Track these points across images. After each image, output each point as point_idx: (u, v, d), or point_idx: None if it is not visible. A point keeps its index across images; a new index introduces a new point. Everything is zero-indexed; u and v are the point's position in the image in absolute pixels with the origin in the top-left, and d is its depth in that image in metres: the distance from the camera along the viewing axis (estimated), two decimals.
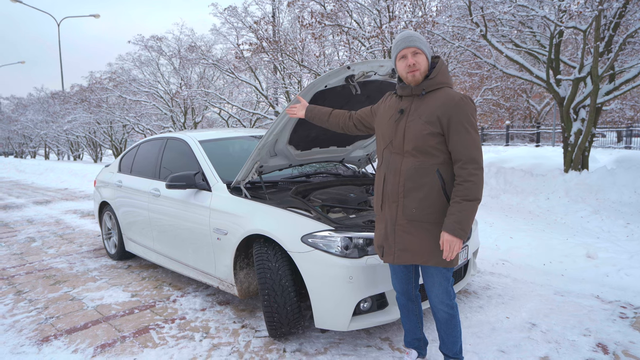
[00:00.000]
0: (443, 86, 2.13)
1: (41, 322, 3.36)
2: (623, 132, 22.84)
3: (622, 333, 2.82)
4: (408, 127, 2.11)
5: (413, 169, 2.09)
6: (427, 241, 2.10)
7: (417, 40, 2.11)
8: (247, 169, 3.15)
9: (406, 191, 2.11)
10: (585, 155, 6.97)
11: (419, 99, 2.13)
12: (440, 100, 2.07)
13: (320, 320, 2.65)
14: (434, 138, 2.05)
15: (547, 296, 3.44)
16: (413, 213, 2.10)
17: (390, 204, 2.17)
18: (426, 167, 2.08)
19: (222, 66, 10.79)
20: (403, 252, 2.14)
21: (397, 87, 2.23)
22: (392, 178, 2.16)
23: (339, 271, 2.55)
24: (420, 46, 2.11)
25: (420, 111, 2.10)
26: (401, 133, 2.13)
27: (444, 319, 2.24)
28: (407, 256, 2.14)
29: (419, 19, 6.80)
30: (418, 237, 2.10)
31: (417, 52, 2.12)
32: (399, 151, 2.14)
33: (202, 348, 2.86)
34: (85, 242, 5.86)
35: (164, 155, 4.25)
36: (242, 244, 3.05)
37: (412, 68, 2.11)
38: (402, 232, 2.13)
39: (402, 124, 2.14)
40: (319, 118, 2.62)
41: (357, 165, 4.31)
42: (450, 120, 2.03)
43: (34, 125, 24.14)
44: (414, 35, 2.14)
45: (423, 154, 2.08)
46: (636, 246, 4.19)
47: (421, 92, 2.12)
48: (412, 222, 2.11)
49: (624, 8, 6.06)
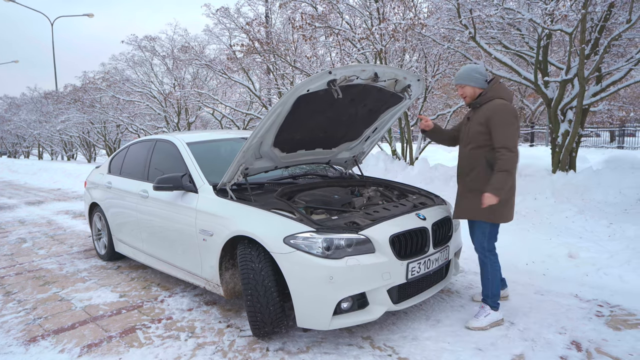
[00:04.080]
0: (494, 98, 2.98)
1: (29, 323, 3.40)
2: (616, 132, 23.05)
3: (596, 331, 2.90)
4: (470, 129, 3.05)
5: (472, 156, 3.03)
6: (478, 203, 2.93)
7: (460, 78, 3.09)
8: (232, 171, 3.20)
9: (467, 171, 3.06)
10: (572, 156, 7.05)
11: (477, 109, 3.06)
12: (487, 108, 2.95)
13: (301, 319, 2.70)
14: (482, 135, 2.95)
15: (528, 295, 3.52)
16: (470, 185, 3.03)
17: (460, 180, 3.14)
18: (478, 155, 2.99)
19: (214, 67, 10.82)
20: (464, 211, 3.07)
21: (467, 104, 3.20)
22: (460, 163, 3.14)
23: (319, 271, 2.61)
24: (463, 82, 3.08)
25: (476, 117, 3.01)
26: (466, 133, 3.09)
27: (480, 262, 3.13)
28: (465, 213, 3.07)
29: (408, 22, 6.86)
30: (472, 201, 3.00)
31: (462, 86, 3.10)
32: (464, 145, 3.10)
33: (187, 347, 2.91)
34: (76, 243, 5.89)
35: (153, 157, 4.30)
36: (228, 245, 3.11)
37: (462, 97, 3.13)
38: (463, 198, 3.08)
39: (467, 127, 3.10)
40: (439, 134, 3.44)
41: (343, 166, 4.37)
42: (490, 121, 2.89)
43: (27, 125, 24.03)
44: (461, 74, 3.08)
45: (477, 146, 2.99)
46: (617, 246, 4.27)
47: (478, 105, 3.05)
48: (471, 191, 3.02)
49: (608, 12, 6.15)
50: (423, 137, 9.45)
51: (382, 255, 2.75)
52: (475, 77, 3.03)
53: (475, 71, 3.04)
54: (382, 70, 3.11)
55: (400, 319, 3.17)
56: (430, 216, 3.13)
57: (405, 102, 3.61)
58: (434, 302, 3.45)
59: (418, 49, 8.35)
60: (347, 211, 3.21)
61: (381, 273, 2.72)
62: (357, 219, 2.92)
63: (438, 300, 3.49)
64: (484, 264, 3.09)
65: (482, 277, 3.11)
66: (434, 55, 8.34)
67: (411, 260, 2.86)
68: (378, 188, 3.88)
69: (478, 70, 3.04)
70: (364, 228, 2.78)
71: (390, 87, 3.37)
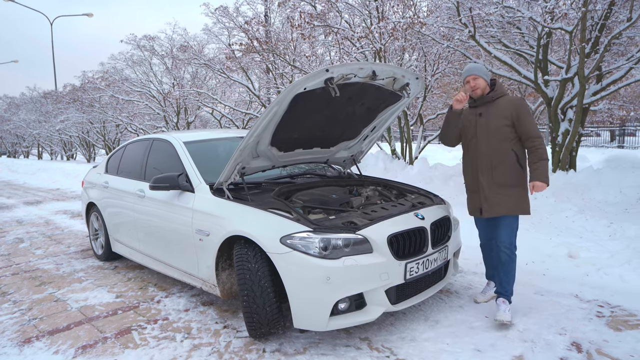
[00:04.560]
0: (504, 95, 3.09)
1: (24, 324, 3.37)
2: (616, 132, 23.01)
3: (597, 332, 2.87)
4: (489, 123, 3.05)
5: (496, 150, 3.02)
6: (510, 197, 3.02)
7: (476, 70, 3.09)
8: (229, 170, 3.16)
9: (494, 165, 3.03)
10: (572, 155, 7.02)
11: (491, 104, 3.09)
12: (507, 103, 3.04)
13: (298, 320, 2.67)
14: (508, 128, 3.00)
15: (528, 295, 3.48)
16: (498, 181, 3.03)
17: (482, 177, 3.08)
18: (505, 148, 3.01)
19: (213, 66, 10.78)
20: (497, 207, 3.04)
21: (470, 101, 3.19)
22: (482, 159, 3.08)
23: (316, 272, 2.58)
24: (478, 74, 3.08)
25: (495, 112, 3.04)
26: (484, 128, 3.07)
27: (505, 259, 3.07)
28: (500, 209, 3.04)
29: (407, 20, 6.83)
30: (505, 195, 3.03)
31: (476, 78, 3.08)
32: (483, 140, 3.07)
33: (182, 349, 2.88)
34: (73, 243, 5.86)
35: (150, 156, 4.26)
36: (225, 245, 3.07)
37: (473, 88, 3.10)
38: (494, 194, 3.04)
39: (483, 122, 3.08)
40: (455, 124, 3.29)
41: (342, 166, 4.33)
42: (519, 114, 2.98)
43: (26, 125, 24.00)
44: (474, 66, 3.10)
45: (502, 140, 3.01)
46: (617, 246, 4.24)
47: (491, 99, 3.07)
48: (501, 186, 3.03)
49: (609, 10, 6.11)
50: (423, 136, 9.42)
51: (380, 255, 2.71)
52: (486, 72, 3.12)
53: (485, 67, 3.18)
54: (380, 68, 3.08)
55: (399, 320, 3.14)
56: (429, 216, 3.10)
57: (404, 100, 3.58)
58: (432, 303, 3.42)
59: (418, 47, 8.31)
60: (345, 211, 3.17)
61: (379, 273, 2.69)
62: (355, 219, 2.88)
63: (437, 301, 3.46)
64: (510, 260, 3.07)
65: (503, 274, 3.08)
66: (433, 54, 8.30)
67: (409, 260, 2.82)
68: (376, 187, 3.84)
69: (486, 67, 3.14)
70: (361, 228, 2.75)
71: (388, 86, 3.33)
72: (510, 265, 3.07)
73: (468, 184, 3.26)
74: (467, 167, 3.25)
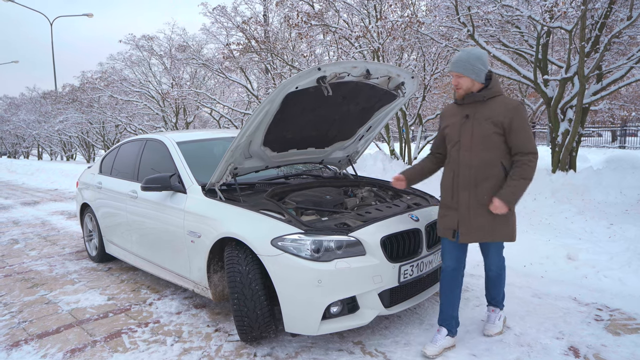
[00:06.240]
0: (499, 94, 2.54)
1: (13, 327, 3.32)
2: (617, 132, 22.90)
3: (595, 336, 2.81)
4: (475, 128, 2.52)
5: (481, 162, 2.50)
6: (495, 221, 2.53)
7: (460, 67, 2.52)
8: (220, 171, 3.11)
9: (477, 181, 2.51)
10: (572, 156, 6.96)
11: (481, 104, 2.54)
12: (501, 106, 2.49)
13: (289, 324, 2.62)
14: (498, 136, 2.49)
15: (525, 298, 3.42)
16: (484, 199, 2.51)
17: (463, 194, 2.55)
18: (492, 161, 2.49)
19: (211, 66, 10.74)
20: (478, 231, 2.54)
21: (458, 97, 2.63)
22: (463, 171, 2.55)
23: (307, 275, 2.52)
24: (461, 71, 2.52)
25: (485, 115, 2.50)
26: (469, 134, 2.53)
27: (494, 277, 2.82)
28: (481, 234, 2.55)
29: (405, 19, 6.77)
30: (488, 218, 2.52)
31: (459, 76, 2.54)
32: (467, 148, 2.53)
33: (172, 352, 2.82)
34: (68, 244, 5.81)
35: (143, 156, 4.21)
36: (216, 247, 3.02)
37: (455, 87, 2.59)
38: (475, 215, 2.53)
39: (468, 126, 2.54)
40: (420, 177, 2.95)
41: (337, 166, 4.28)
42: (512, 122, 2.45)
43: (26, 125, 23.98)
44: (460, 60, 2.52)
45: (489, 149, 2.49)
46: (617, 247, 4.17)
47: (482, 98, 2.52)
48: (484, 206, 2.51)
49: (609, 8, 6.05)
50: (422, 136, 9.36)
51: (373, 257, 2.66)
52: (478, 70, 2.50)
53: (480, 61, 2.50)
54: (374, 67, 3.02)
55: (393, 323, 3.08)
56: (424, 217, 3.04)
57: (400, 100, 3.52)
58: (428, 306, 3.36)
59: (416, 47, 8.25)
60: (338, 212, 3.12)
61: (372, 276, 2.63)
62: (348, 220, 2.83)
63: (432, 304, 3.40)
64: (499, 276, 2.82)
65: (495, 287, 2.85)
66: (432, 53, 8.24)
67: (403, 262, 2.76)
68: (372, 188, 3.79)
69: (482, 60, 2.49)
70: (354, 230, 2.69)
71: (383, 85, 3.28)
72: (498, 279, 2.83)
73: (445, 199, 2.68)
74: (447, 179, 2.66)
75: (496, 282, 2.84)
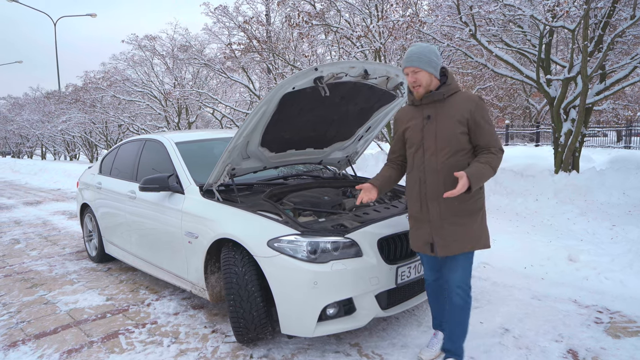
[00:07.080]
0: (457, 90, 2.35)
1: (11, 327, 3.32)
2: (623, 132, 22.74)
3: (594, 339, 2.77)
4: (439, 130, 2.31)
5: (449, 166, 2.28)
6: (472, 228, 2.32)
7: (415, 60, 2.29)
8: (218, 171, 3.10)
9: (447, 187, 2.27)
10: (575, 156, 6.91)
11: (442, 103, 2.33)
12: (463, 102, 2.30)
13: (285, 326, 2.60)
14: (464, 136, 2.29)
15: (525, 300, 3.39)
16: (456, 206, 2.29)
17: (432, 203, 2.33)
18: (460, 164, 2.28)
19: (213, 66, 10.74)
20: (456, 243, 2.30)
21: (412, 97, 2.42)
22: (430, 178, 2.33)
23: (303, 276, 2.50)
24: (418, 65, 2.28)
25: (448, 114, 2.30)
26: (432, 136, 2.32)
27: (459, 304, 2.36)
28: (457, 246, 2.31)
29: (407, 19, 6.74)
30: (464, 226, 2.31)
31: (416, 71, 2.30)
32: (433, 152, 2.32)
33: (169, 354, 2.81)
34: (69, 244, 5.83)
35: (142, 156, 4.21)
36: (214, 247, 3.01)
37: (413, 85, 2.34)
38: (450, 225, 2.30)
39: (431, 127, 2.33)
40: (388, 186, 2.63)
41: (337, 167, 4.26)
42: (477, 117, 2.27)
43: (30, 125, 24.10)
44: (414, 54, 2.30)
45: (457, 151, 2.29)
46: (619, 249, 4.13)
47: (442, 96, 2.31)
48: (457, 214, 2.30)
49: (612, 7, 6.00)
50: None
51: (370, 259, 2.64)
52: (434, 62, 2.30)
53: (434, 54, 2.30)
54: (372, 67, 3.00)
55: (391, 325, 3.06)
56: None
57: (399, 100, 3.50)
58: (426, 308, 3.33)
59: None
60: (336, 213, 3.10)
61: (369, 278, 2.61)
62: (345, 222, 2.81)
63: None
64: (464, 304, 2.36)
65: (455, 323, 2.40)
66: None
67: (401, 264, 2.74)
68: None
69: (437, 54, 2.31)
70: (350, 231, 2.67)
71: (382, 85, 3.25)
72: (464, 311, 2.38)
73: (413, 210, 2.44)
74: (412, 188, 2.43)
75: (460, 312, 2.38)
